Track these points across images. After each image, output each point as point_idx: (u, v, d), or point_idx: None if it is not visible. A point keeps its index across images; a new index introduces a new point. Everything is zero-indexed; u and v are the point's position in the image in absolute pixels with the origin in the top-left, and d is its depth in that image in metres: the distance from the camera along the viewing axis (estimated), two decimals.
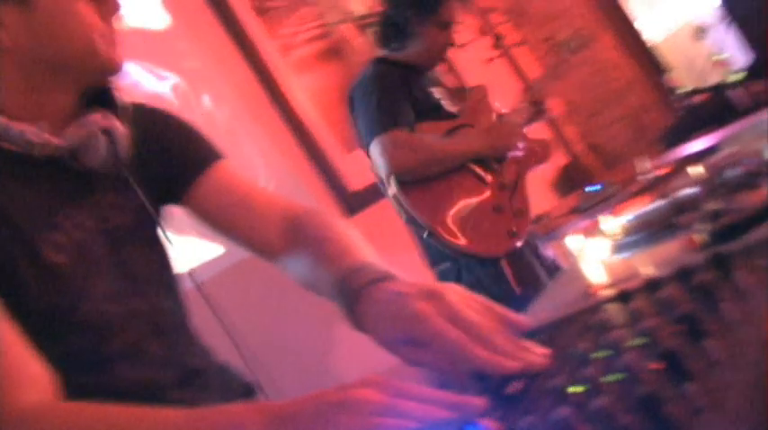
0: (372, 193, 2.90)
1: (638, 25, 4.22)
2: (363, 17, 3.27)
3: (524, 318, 0.79)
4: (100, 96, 1.01)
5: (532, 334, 0.79)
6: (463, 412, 0.63)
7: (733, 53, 2.21)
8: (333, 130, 2.94)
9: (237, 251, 1.17)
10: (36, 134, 0.91)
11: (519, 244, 2.24)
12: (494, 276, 2.24)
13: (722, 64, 2.30)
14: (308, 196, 2.79)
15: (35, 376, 0.81)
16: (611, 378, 0.58)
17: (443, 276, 2.33)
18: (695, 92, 2.44)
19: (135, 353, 0.97)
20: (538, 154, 2.51)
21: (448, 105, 2.45)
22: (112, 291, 0.97)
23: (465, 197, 2.25)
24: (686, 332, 0.59)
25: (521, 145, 2.42)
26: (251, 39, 2.84)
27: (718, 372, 0.52)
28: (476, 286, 2.17)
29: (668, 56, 4.23)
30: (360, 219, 2.83)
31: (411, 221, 2.20)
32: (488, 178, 2.33)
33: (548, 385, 0.61)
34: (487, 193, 2.30)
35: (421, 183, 2.20)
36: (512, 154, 2.40)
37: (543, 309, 0.91)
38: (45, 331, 0.87)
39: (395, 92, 2.26)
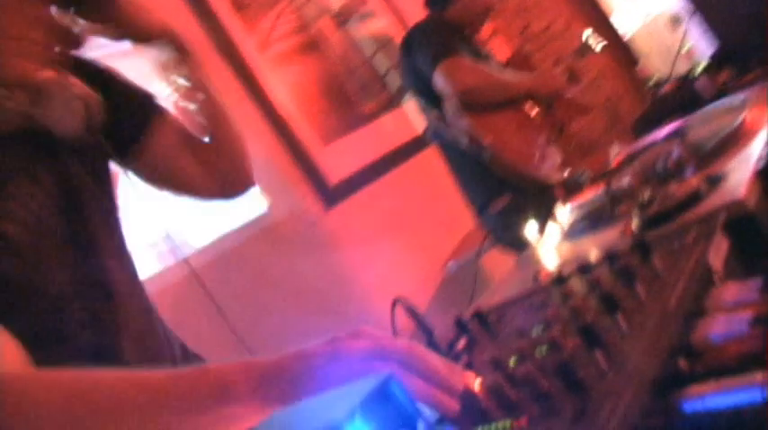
0: (351, 185, 2.97)
1: (613, 15, 4.31)
2: (341, 12, 3.33)
3: None
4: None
5: (485, 315, 0.88)
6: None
7: (699, 43, 2.29)
8: (311, 124, 3.00)
9: (230, 238, 1.18)
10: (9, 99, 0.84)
11: (571, 176, 2.41)
12: (550, 202, 2.40)
13: (690, 53, 2.38)
14: (288, 190, 2.85)
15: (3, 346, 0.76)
16: (540, 349, 0.66)
17: (492, 221, 2.49)
18: (664, 81, 2.52)
19: (92, 319, 0.94)
20: (580, 106, 2.76)
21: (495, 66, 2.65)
22: (66, 260, 0.94)
23: (521, 130, 2.45)
24: (605, 308, 0.67)
25: (567, 94, 2.64)
26: (229, 34, 2.89)
27: (624, 341, 0.61)
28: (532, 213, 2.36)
29: (642, 45, 4.31)
30: (339, 210, 2.90)
31: (474, 145, 2.34)
32: (539, 117, 2.53)
33: (487, 357, 0.69)
34: (540, 130, 2.50)
35: (482, 110, 2.37)
36: (560, 99, 2.61)
37: (495, 293, 0.99)
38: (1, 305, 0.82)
39: (452, 34, 2.49)
